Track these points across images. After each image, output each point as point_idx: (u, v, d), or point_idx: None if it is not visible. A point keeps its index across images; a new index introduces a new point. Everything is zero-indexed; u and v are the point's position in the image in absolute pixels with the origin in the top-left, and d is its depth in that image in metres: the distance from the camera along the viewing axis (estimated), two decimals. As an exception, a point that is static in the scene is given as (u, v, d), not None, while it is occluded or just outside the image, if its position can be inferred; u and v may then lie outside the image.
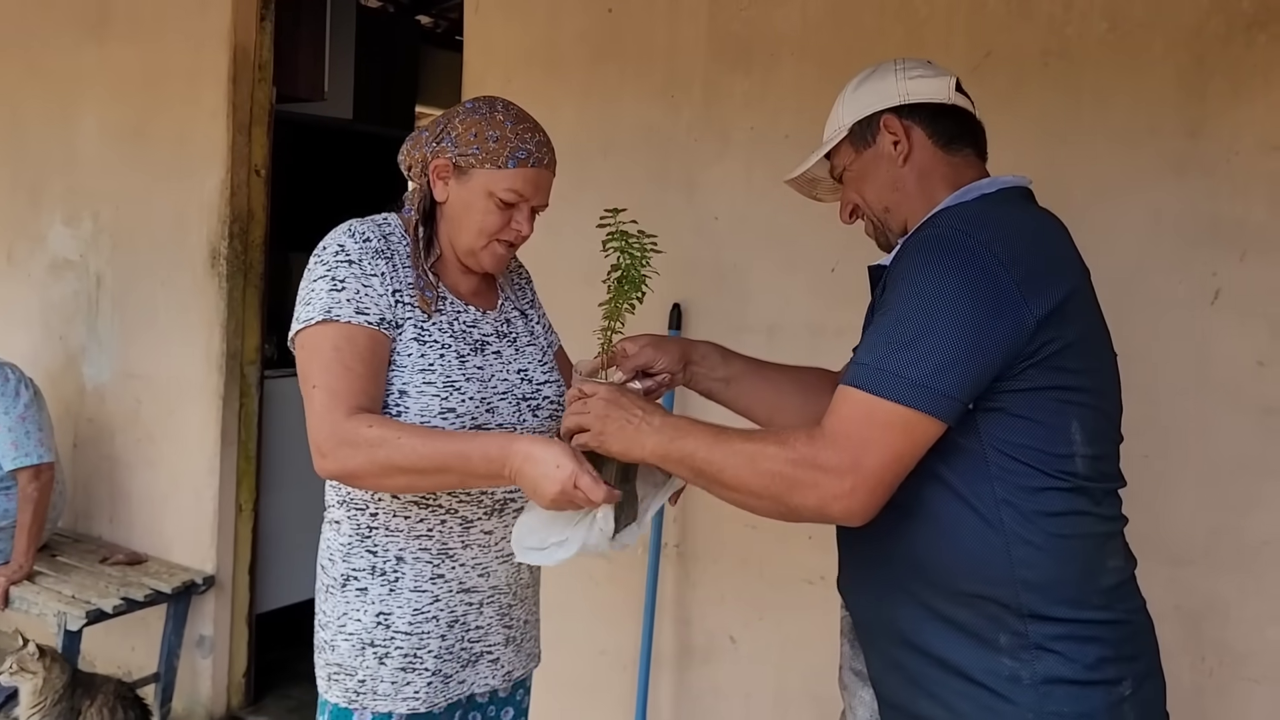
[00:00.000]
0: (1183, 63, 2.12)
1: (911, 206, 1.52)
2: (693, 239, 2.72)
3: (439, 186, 1.68)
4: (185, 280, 3.66)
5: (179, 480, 3.72)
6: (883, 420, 1.30)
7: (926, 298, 1.31)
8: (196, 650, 3.68)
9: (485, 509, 1.70)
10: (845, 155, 1.58)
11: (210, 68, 3.55)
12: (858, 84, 1.58)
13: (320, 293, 1.60)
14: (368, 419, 1.54)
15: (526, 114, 1.72)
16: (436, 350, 1.65)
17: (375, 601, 1.68)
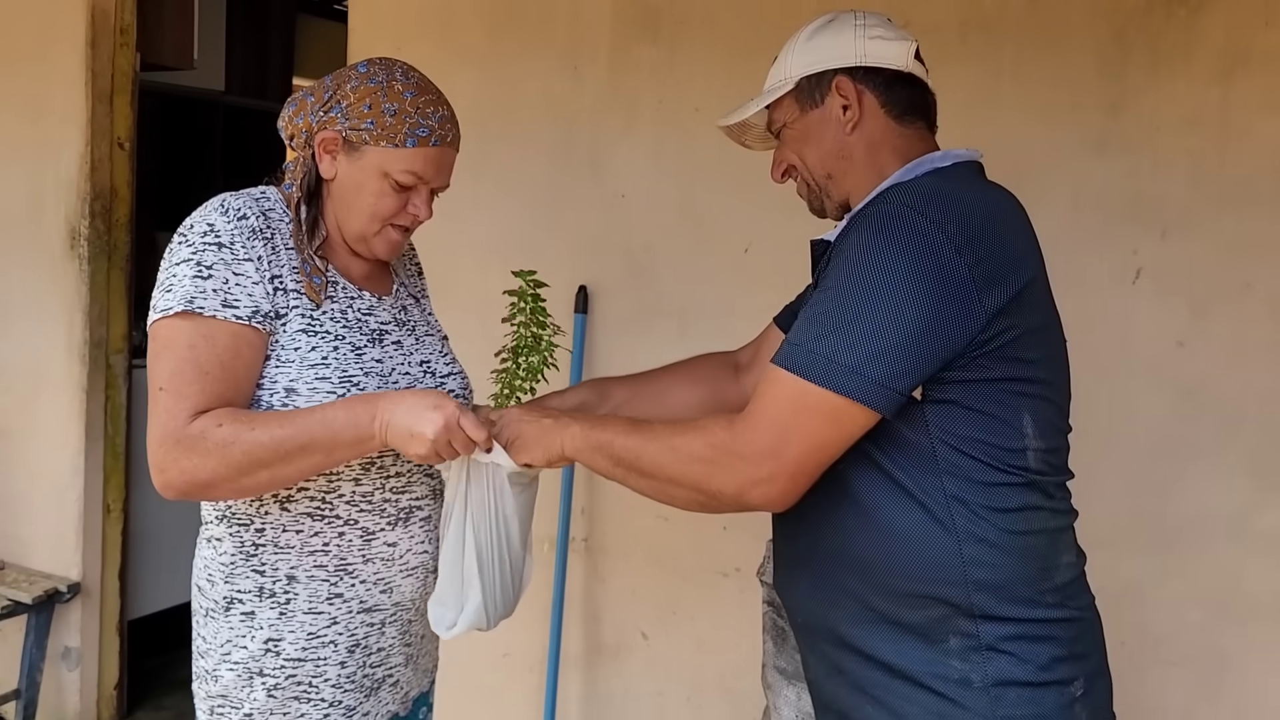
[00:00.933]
0: (1102, 36, 2.08)
1: (857, 178, 1.42)
2: (599, 218, 2.59)
3: (325, 161, 1.50)
4: (42, 262, 3.36)
5: (38, 480, 3.43)
6: (810, 406, 1.23)
7: (869, 279, 1.22)
8: (62, 663, 3.41)
9: (389, 518, 1.53)
10: (788, 110, 1.46)
11: (66, 29, 3.25)
12: (812, 32, 1.45)
13: (183, 279, 1.41)
14: (215, 417, 1.38)
15: (428, 82, 1.54)
16: (329, 342, 1.48)
17: (264, 626, 1.49)
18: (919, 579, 1.28)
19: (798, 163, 1.48)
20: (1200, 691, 2.09)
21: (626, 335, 2.60)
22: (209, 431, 1.36)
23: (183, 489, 1.39)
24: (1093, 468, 2.12)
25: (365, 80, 1.48)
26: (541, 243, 2.65)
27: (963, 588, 1.26)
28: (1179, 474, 2.08)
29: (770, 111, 1.49)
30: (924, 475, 1.27)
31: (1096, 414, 2.11)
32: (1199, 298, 2.04)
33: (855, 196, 1.42)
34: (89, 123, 3.26)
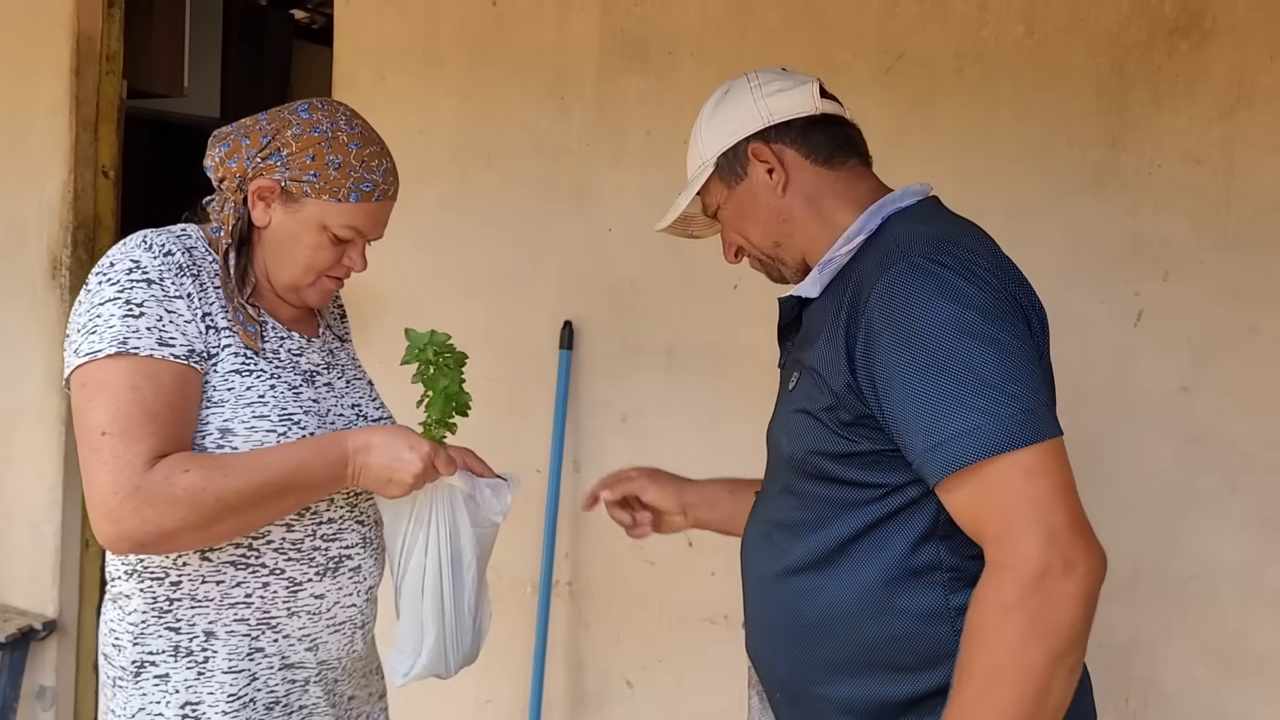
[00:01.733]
0: (1103, 70, 2.01)
1: (807, 235, 1.37)
2: (584, 252, 2.53)
3: (259, 209, 1.43)
4: (23, 293, 3.30)
5: (14, 514, 3.36)
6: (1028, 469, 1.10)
7: (947, 336, 1.14)
8: (36, 703, 3.33)
9: (318, 568, 1.45)
10: (717, 193, 1.41)
11: (49, 58, 3.21)
12: (712, 110, 1.42)
13: (110, 319, 1.32)
14: (179, 462, 1.30)
15: (372, 132, 1.48)
16: (265, 381, 1.42)
17: (180, 689, 1.39)
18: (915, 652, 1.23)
19: (743, 241, 1.43)
20: (1207, 753, 2.00)
21: (612, 372, 2.53)
22: (174, 478, 1.28)
23: (142, 540, 1.30)
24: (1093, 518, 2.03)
25: (308, 129, 1.41)
26: (526, 276, 2.59)
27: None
28: (1183, 524, 2.00)
29: (702, 197, 1.44)
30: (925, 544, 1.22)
31: (1098, 462, 2.04)
32: (1203, 341, 1.96)
33: (812, 254, 1.37)
34: (73, 151, 3.21)
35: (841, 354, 1.22)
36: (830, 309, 1.28)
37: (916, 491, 1.21)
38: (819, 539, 1.28)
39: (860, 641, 1.25)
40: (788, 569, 1.32)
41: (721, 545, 2.36)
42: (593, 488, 1.65)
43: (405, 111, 2.70)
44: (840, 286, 1.29)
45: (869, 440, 1.22)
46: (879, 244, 1.27)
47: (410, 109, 2.70)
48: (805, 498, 1.31)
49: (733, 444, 2.38)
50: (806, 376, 1.30)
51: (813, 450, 1.27)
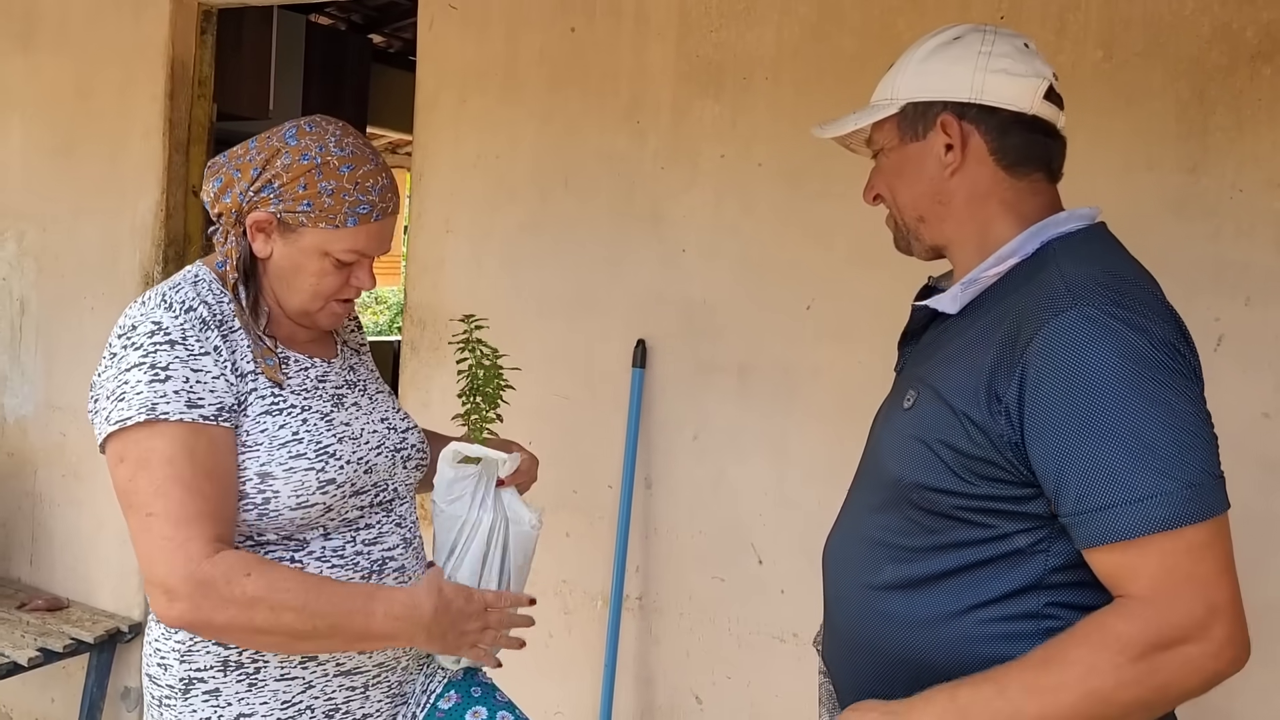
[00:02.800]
0: (1183, 95, 2.00)
1: (955, 226, 1.29)
2: (659, 272, 2.56)
3: (259, 241, 1.43)
4: (115, 307, 3.40)
5: (105, 520, 3.47)
6: (1199, 544, 1.06)
7: (1121, 402, 1.08)
8: (121, 703, 3.43)
9: (362, 572, 1.45)
10: (887, 135, 1.31)
11: (145, 82, 3.34)
12: (930, 51, 1.28)
13: (138, 386, 1.31)
14: (243, 564, 1.29)
15: (364, 149, 1.44)
16: (296, 417, 1.41)
17: (232, 702, 1.40)
18: None
19: (886, 195, 1.34)
20: (1289, 787, 1.97)
21: (685, 391, 2.55)
22: (235, 580, 1.27)
23: (191, 624, 1.30)
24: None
25: (298, 157, 1.40)
26: (601, 296, 2.63)
27: None
28: (1266, 554, 1.97)
29: (872, 130, 1.33)
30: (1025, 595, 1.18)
31: (1175, 486, 2.02)
32: (1285, 367, 1.94)
33: (954, 247, 1.30)
34: (165, 171, 3.33)
35: (983, 391, 1.15)
36: (973, 335, 1.21)
37: (1025, 542, 1.17)
38: (913, 566, 1.25)
39: (935, 672, 1.21)
40: (876, 585, 1.29)
41: (792, 564, 2.39)
42: None
43: (485, 135, 2.77)
44: (986, 312, 1.22)
45: (989, 485, 1.16)
46: (1042, 277, 1.18)
47: (490, 132, 2.77)
48: (906, 522, 1.26)
49: (803, 464, 2.40)
50: (929, 401, 1.23)
51: (924, 485, 1.21)
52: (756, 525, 2.46)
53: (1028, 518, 1.16)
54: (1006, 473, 1.15)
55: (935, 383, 1.23)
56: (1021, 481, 1.15)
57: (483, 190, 2.80)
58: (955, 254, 1.31)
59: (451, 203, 2.82)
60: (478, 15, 2.79)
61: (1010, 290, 1.21)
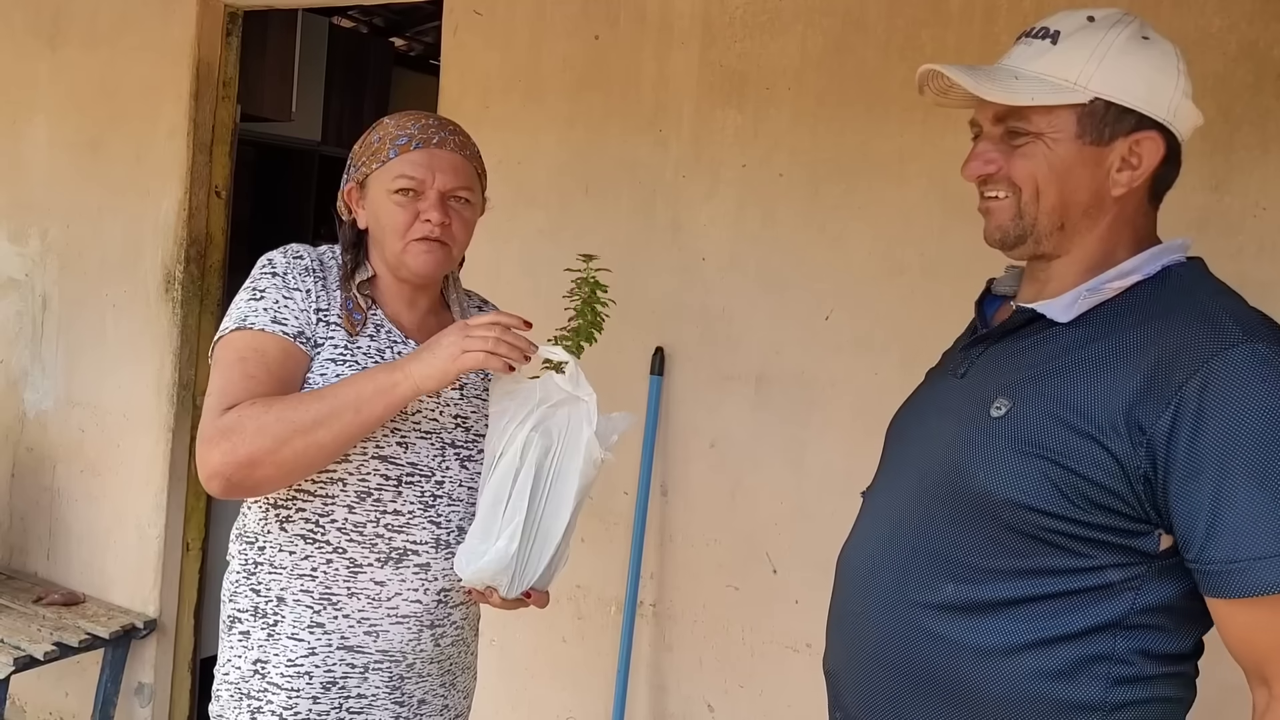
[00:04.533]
0: (1208, 113, 1.97)
1: (1084, 246, 1.18)
2: (678, 280, 2.57)
3: (359, 215, 1.62)
4: (137, 305, 3.46)
5: (123, 516, 3.50)
6: None
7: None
8: (135, 698, 3.46)
9: (379, 555, 1.52)
10: (1056, 123, 1.15)
11: (171, 83, 3.37)
12: (1128, 44, 1.14)
13: (240, 303, 1.55)
14: (251, 402, 1.44)
15: (418, 111, 1.65)
16: (354, 369, 1.52)
17: (254, 647, 1.55)
18: None
19: (1026, 187, 1.17)
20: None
21: (702, 398, 2.56)
22: (242, 411, 1.43)
23: (227, 473, 1.42)
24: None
25: (363, 136, 1.64)
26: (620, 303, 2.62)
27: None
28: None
29: (1020, 112, 1.16)
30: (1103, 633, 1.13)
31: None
32: (1307, 387, 1.94)
33: (1070, 260, 1.19)
34: (189, 171, 3.35)
35: (1121, 416, 1.07)
36: (1100, 353, 1.12)
37: (1119, 577, 1.11)
38: (983, 588, 1.16)
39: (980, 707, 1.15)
40: (932, 603, 1.19)
41: (806, 574, 2.39)
42: None
43: (507, 141, 2.79)
44: (1114, 330, 1.13)
45: (1101, 514, 1.09)
46: (1192, 305, 1.12)
47: (512, 138, 2.78)
48: (985, 541, 1.15)
49: (819, 474, 2.41)
50: (1035, 414, 1.13)
51: (1021, 504, 1.11)
52: (772, 535, 2.46)
53: (1130, 552, 1.10)
54: (1127, 505, 1.08)
55: (1043, 395, 1.13)
56: (1139, 517, 1.09)
57: (503, 195, 2.79)
58: (1065, 266, 1.20)
59: (472, 207, 2.84)
60: (502, 22, 2.81)
61: (1142, 311, 1.13)
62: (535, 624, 2.76)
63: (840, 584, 1.35)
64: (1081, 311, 1.15)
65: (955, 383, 1.27)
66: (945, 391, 1.30)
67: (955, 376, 1.28)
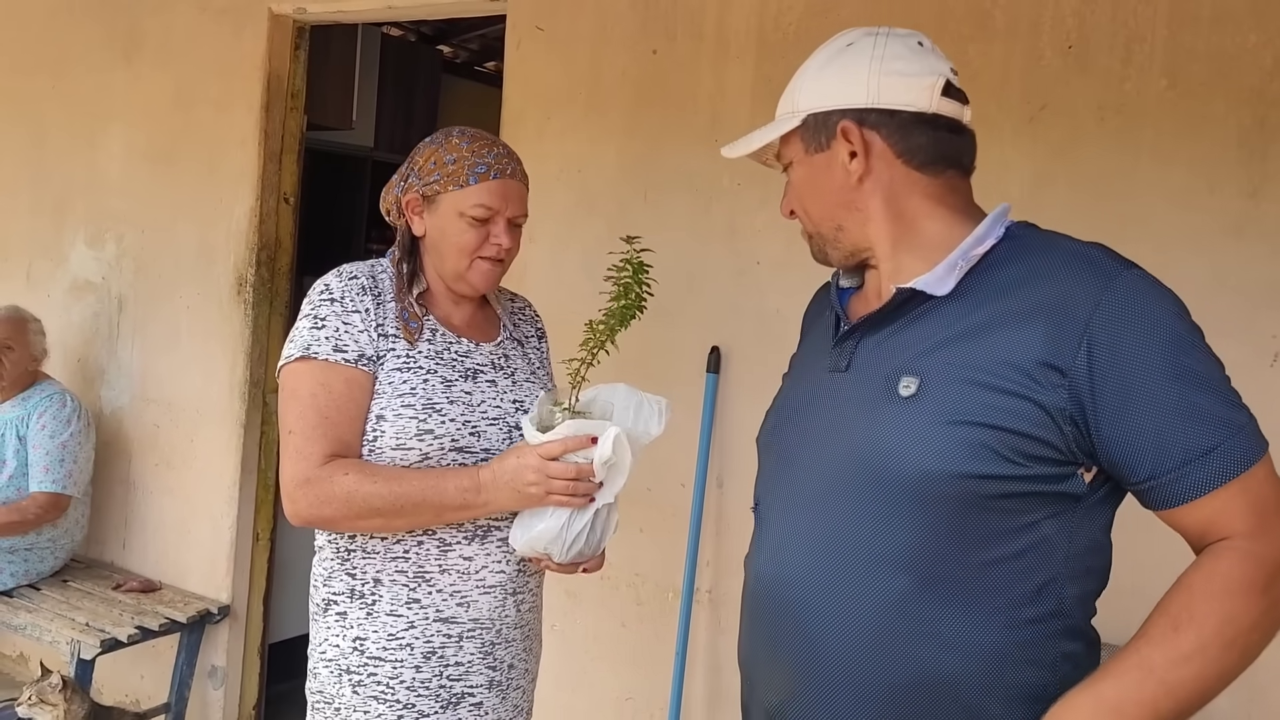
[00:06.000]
0: (1245, 123, 2.10)
1: (878, 231, 1.25)
2: (733, 284, 2.70)
3: (416, 222, 1.73)
4: (210, 306, 3.63)
5: (197, 507, 3.67)
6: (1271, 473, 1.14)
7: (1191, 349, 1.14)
8: (208, 680, 3.63)
9: (466, 533, 1.67)
10: (793, 148, 1.30)
11: (242, 95, 3.53)
12: (825, 60, 1.27)
13: (303, 330, 1.65)
14: (342, 466, 1.59)
15: (484, 133, 1.74)
16: (420, 376, 1.66)
17: (353, 626, 1.67)
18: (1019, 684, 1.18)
19: (799, 211, 1.32)
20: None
21: (756, 394, 2.66)
22: (336, 479, 1.58)
23: (309, 520, 1.62)
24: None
25: (429, 145, 1.72)
26: (677, 305, 2.77)
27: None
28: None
29: (780, 144, 1.31)
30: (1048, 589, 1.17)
31: (1230, 495, 2.12)
32: (1339, 383, 2.04)
33: (879, 249, 1.27)
34: (260, 179, 3.52)
35: (1035, 365, 1.12)
36: (987, 316, 1.17)
37: (1052, 529, 1.16)
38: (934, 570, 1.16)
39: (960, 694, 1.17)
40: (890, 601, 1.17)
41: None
42: None
43: (567, 151, 2.92)
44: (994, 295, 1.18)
45: (1035, 465, 1.13)
46: (1055, 255, 1.17)
47: (573, 148, 2.92)
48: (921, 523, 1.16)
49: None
50: (949, 385, 1.16)
51: (963, 473, 1.13)
52: (824, 524, 2.58)
53: (1060, 499, 1.15)
54: (1056, 450, 1.13)
55: (951, 365, 1.16)
56: (1066, 459, 1.14)
57: (565, 202, 2.95)
58: (882, 256, 1.27)
59: (535, 214, 2.91)
60: (563, 37, 2.94)
61: (1014, 267, 1.18)
62: (596, 610, 2.90)
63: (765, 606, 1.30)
64: (958, 280, 1.19)
65: (840, 377, 1.28)
66: (828, 389, 1.30)
67: (837, 371, 1.29)
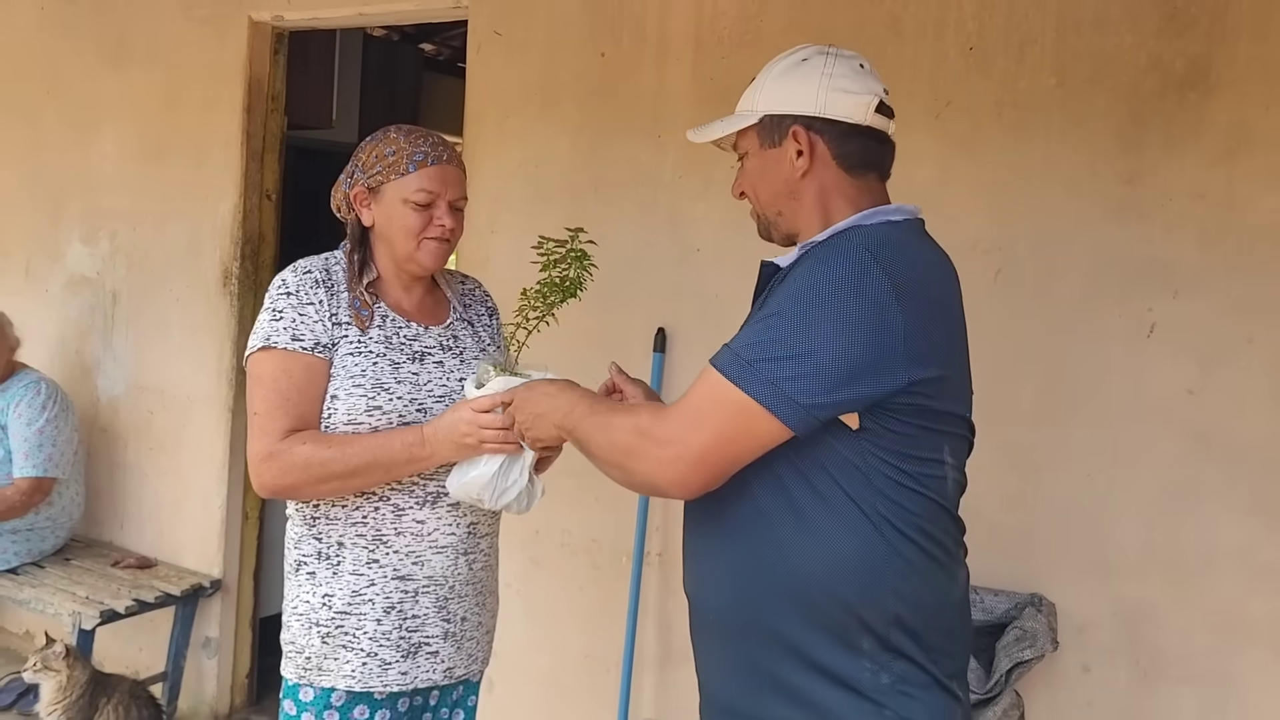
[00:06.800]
0: (1122, 117, 2.32)
1: (806, 218, 1.50)
2: (676, 269, 2.91)
3: (364, 213, 1.87)
4: (198, 299, 3.83)
5: (189, 488, 3.88)
6: (726, 402, 1.33)
7: (812, 305, 1.31)
8: (202, 651, 3.83)
9: (417, 499, 1.84)
10: (749, 141, 1.54)
11: (225, 98, 3.73)
12: (783, 70, 1.52)
13: (263, 323, 1.82)
14: (299, 437, 1.76)
15: (419, 128, 1.90)
16: (370, 359, 1.82)
17: (321, 584, 1.85)
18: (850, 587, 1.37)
19: (749, 193, 1.57)
20: (1207, 708, 2.28)
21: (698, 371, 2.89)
22: (294, 449, 1.76)
23: (274, 490, 1.80)
24: (1113, 503, 2.35)
25: (369, 143, 1.88)
26: (625, 289, 2.98)
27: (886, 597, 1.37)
28: (1190, 510, 2.29)
29: (736, 136, 1.56)
30: (863, 494, 1.36)
31: (1115, 455, 2.34)
32: (1207, 351, 2.25)
33: (804, 233, 1.50)
34: (243, 177, 3.72)
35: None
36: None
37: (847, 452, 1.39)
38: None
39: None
40: None
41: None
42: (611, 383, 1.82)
43: (524, 147, 3.13)
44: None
45: None
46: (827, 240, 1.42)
47: (529, 145, 3.13)
48: None
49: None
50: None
51: None
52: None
53: None
54: None
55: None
56: None
57: (523, 195, 3.16)
58: (804, 238, 1.50)
59: (496, 206, 3.18)
60: (520, 41, 3.15)
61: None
62: (556, 574, 3.12)
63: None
64: (794, 259, 1.45)
65: None
66: None
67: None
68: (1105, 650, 2.35)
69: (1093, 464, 2.35)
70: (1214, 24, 2.23)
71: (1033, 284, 2.42)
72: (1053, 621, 2.32)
